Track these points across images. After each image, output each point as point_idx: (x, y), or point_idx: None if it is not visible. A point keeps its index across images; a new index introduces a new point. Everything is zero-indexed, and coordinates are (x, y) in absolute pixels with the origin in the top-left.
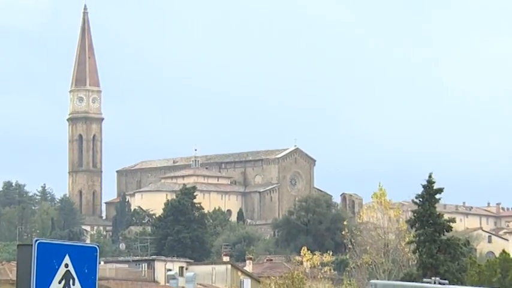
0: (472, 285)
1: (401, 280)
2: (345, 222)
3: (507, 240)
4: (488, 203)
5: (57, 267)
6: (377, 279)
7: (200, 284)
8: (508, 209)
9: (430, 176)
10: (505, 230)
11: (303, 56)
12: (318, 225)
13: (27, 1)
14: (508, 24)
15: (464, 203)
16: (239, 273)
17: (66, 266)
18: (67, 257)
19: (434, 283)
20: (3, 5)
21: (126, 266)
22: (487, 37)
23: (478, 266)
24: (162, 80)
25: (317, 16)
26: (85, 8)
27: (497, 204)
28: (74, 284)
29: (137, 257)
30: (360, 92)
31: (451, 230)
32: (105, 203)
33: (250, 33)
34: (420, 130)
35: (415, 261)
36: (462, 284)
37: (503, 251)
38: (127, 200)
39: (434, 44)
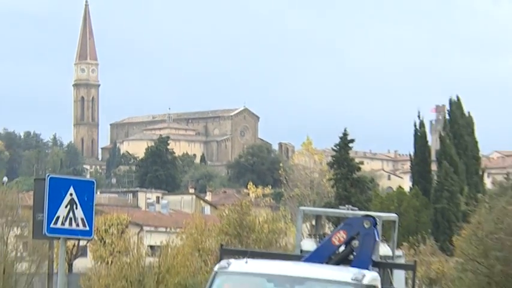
0: (375, 211)
1: (323, 207)
2: (281, 164)
3: (402, 178)
4: (388, 150)
5: (64, 195)
6: (304, 206)
7: (172, 209)
8: (403, 154)
9: (345, 131)
10: (400, 171)
11: (248, 28)
12: (261, 166)
13: None
14: None
15: (370, 150)
16: (201, 201)
17: (71, 195)
18: (71, 188)
19: (347, 209)
20: None
21: (116, 195)
22: None
23: (380, 198)
24: (145, 54)
25: None
26: (86, 1)
27: (395, 151)
28: (76, 209)
29: (124, 189)
30: (293, 62)
31: (360, 170)
32: (101, 148)
33: (209, 9)
34: (340, 95)
35: (333, 194)
36: (368, 210)
37: (399, 186)
38: (117, 146)
39: None
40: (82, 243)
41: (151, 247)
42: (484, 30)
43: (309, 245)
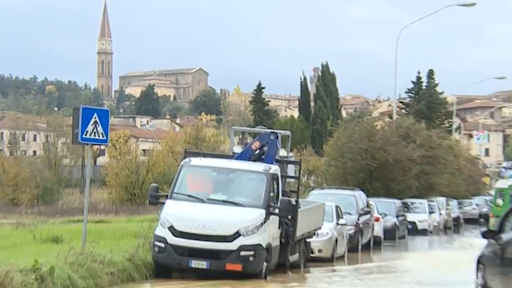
0: (277, 130)
1: (246, 127)
2: (221, 102)
3: (293, 110)
4: (285, 93)
5: (90, 118)
6: (235, 126)
7: (156, 128)
8: (294, 96)
9: (259, 82)
10: (292, 106)
11: None
12: (209, 102)
13: None
14: None
15: (274, 93)
16: (174, 124)
17: (95, 118)
18: (95, 114)
19: (261, 129)
20: None
21: (123, 119)
22: None
23: (280, 122)
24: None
25: None
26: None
27: (289, 94)
28: (98, 126)
29: (127, 115)
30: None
31: (268, 105)
32: (114, 91)
33: None
34: (258, 56)
35: (252, 119)
36: (273, 129)
37: (292, 116)
38: (123, 90)
39: None
40: (102, 147)
41: (144, 150)
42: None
43: (238, 149)
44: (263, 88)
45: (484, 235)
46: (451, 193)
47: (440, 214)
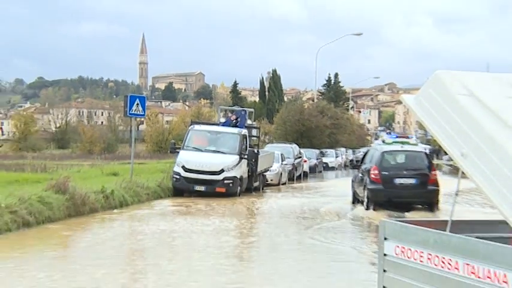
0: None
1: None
2: (213, 92)
3: (255, 96)
4: (253, 87)
5: (134, 102)
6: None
7: (175, 108)
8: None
9: (235, 81)
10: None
11: None
12: (206, 93)
13: None
14: None
15: (238, 83)
16: (185, 105)
17: (137, 101)
18: (137, 99)
19: (237, 107)
20: None
21: (154, 102)
22: None
23: (247, 104)
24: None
25: None
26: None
27: (254, 87)
28: (138, 106)
29: (157, 100)
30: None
31: (241, 94)
32: (149, 85)
33: None
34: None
35: (231, 102)
36: (244, 108)
37: (255, 101)
38: (155, 85)
39: None
40: (141, 119)
41: (167, 121)
42: None
43: (223, 120)
44: (237, 83)
45: (354, 167)
46: (348, 145)
47: (342, 158)
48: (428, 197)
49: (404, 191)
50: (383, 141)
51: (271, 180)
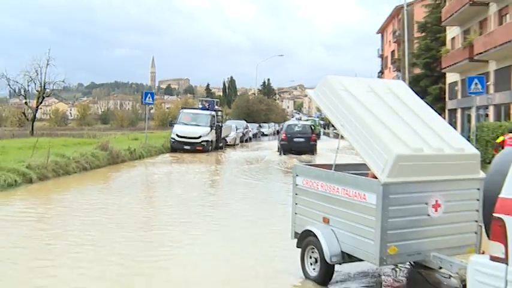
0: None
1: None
2: (194, 91)
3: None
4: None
5: (147, 95)
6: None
7: (172, 99)
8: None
9: (208, 84)
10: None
11: None
12: (190, 91)
13: None
14: None
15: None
16: (178, 98)
17: (149, 95)
18: (149, 94)
19: (209, 99)
20: None
21: (159, 96)
22: None
23: (214, 96)
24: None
25: None
26: None
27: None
28: (150, 98)
29: (162, 95)
30: None
31: (211, 91)
32: (156, 86)
33: None
34: None
35: (206, 96)
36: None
37: (220, 95)
38: (160, 86)
39: None
40: (152, 106)
41: (167, 108)
42: None
43: (201, 106)
44: (209, 84)
45: (277, 133)
46: (276, 121)
47: (272, 128)
48: (311, 148)
49: (298, 145)
50: (300, 119)
51: (230, 142)
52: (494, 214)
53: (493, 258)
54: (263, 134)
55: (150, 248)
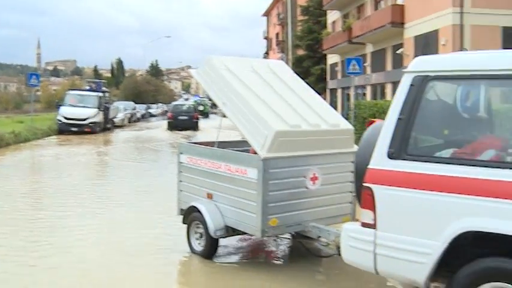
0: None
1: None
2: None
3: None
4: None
5: (31, 77)
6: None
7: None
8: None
9: (95, 65)
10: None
11: None
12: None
13: None
14: None
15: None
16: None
17: (34, 77)
18: (34, 76)
19: (99, 81)
20: None
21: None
22: None
23: (104, 77)
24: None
25: None
26: None
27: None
28: (34, 80)
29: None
30: None
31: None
32: (43, 68)
33: None
34: None
35: (98, 79)
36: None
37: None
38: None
39: None
40: (38, 88)
41: (54, 89)
42: None
43: (88, 87)
44: (97, 66)
45: (165, 113)
46: (164, 102)
47: (160, 109)
48: (193, 126)
49: (183, 122)
50: (187, 99)
51: (118, 123)
52: (363, 184)
53: (364, 225)
54: (151, 115)
55: (31, 235)
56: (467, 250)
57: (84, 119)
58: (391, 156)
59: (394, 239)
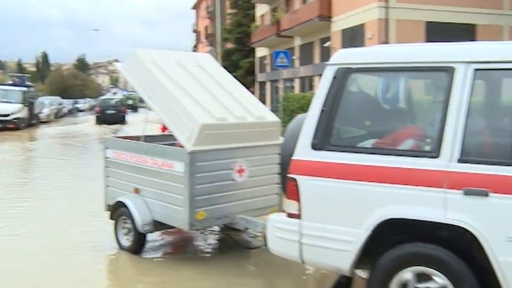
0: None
1: None
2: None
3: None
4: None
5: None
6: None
7: None
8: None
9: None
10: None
11: None
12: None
13: None
14: None
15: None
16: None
17: None
18: None
19: (24, 75)
20: None
21: None
22: None
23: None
24: None
25: None
26: None
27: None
28: None
29: None
30: None
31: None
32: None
33: None
34: None
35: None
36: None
37: None
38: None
39: None
40: None
41: None
42: None
43: (11, 82)
44: (21, 60)
45: (93, 108)
46: (91, 96)
47: (88, 104)
48: (121, 119)
49: (110, 116)
50: (115, 93)
51: (43, 118)
52: (288, 175)
53: (289, 215)
54: (78, 110)
55: None
56: (389, 237)
57: (7, 115)
58: (314, 147)
59: (318, 228)
